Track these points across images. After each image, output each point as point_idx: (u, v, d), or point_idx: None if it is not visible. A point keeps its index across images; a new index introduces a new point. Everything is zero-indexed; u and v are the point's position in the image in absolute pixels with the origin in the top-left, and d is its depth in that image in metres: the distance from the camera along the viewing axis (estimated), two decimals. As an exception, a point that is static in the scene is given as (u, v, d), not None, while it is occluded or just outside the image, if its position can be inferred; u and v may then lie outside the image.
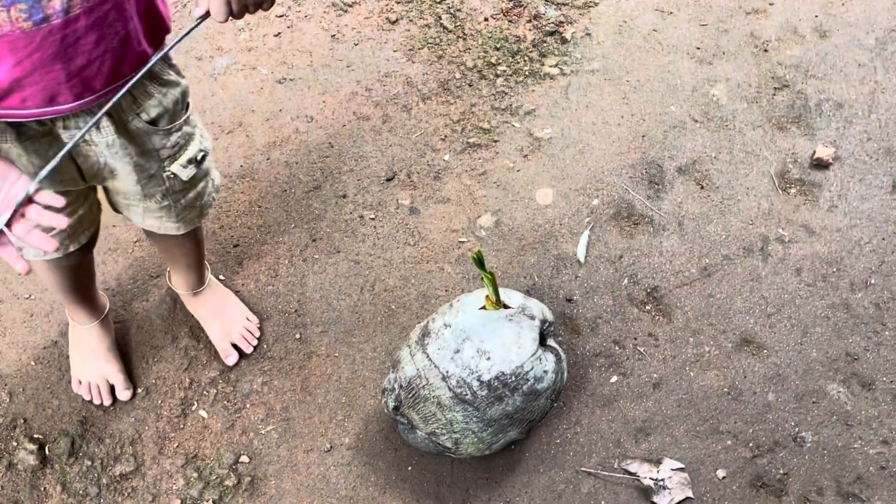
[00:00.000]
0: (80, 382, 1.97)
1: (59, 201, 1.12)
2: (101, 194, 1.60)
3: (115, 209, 1.62)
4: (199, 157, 1.52)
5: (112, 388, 1.98)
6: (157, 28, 1.29)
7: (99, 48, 1.18)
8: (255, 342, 2.06)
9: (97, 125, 1.29)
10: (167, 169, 1.47)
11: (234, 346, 2.04)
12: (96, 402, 1.97)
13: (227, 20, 1.20)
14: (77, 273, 1.78)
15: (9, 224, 1.09)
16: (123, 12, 1.18)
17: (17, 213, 1.09)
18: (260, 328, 2.08)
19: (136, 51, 1.25)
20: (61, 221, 1.13)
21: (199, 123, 1.53)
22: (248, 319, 2.07)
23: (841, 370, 2.07)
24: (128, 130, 1.35)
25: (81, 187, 1.45)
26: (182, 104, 1.44)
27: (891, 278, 2.18)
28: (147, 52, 1.28)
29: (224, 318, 2.03)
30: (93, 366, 1.96)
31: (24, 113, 1.20)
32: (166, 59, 1.38)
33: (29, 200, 1.10)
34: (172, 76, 1.39)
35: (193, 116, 1.49)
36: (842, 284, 2.18)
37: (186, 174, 1.51)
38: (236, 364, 2.03)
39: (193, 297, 2.03)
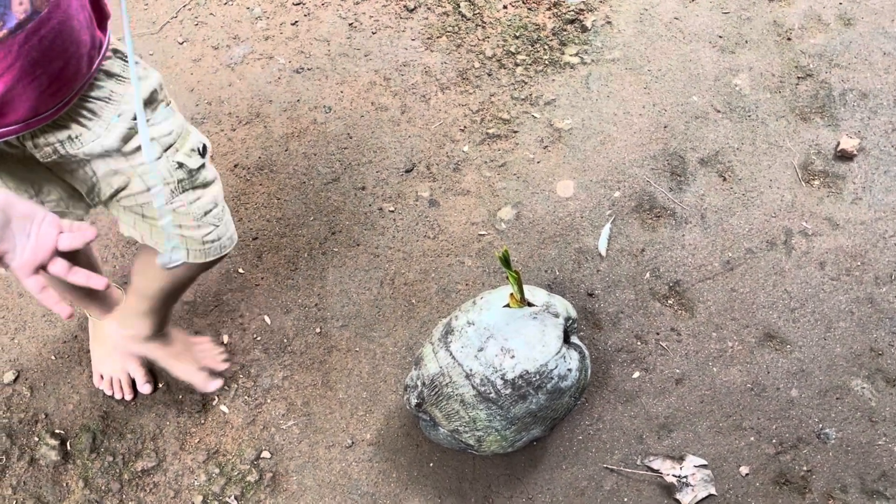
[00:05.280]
0: (102, 377, 1.97)
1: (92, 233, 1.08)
2: None
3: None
4: (200, 148, 1.43)
5: (133, 383, 1.98)
6: (103, 12, 1.25)
7: (72, 44, 1.14)
8: (222, 358, 1.99)
9: (84, 131, 1.25)
10: (171, 159, 1.37)
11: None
12: (117, 396, 1.97)
13: None
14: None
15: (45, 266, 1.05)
16: (77, 5, 1.14)
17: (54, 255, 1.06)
18: (223, 343, 2.04)
19: (96, 39, 1.21)
20: (100, 283, 1.08)
21: (188, 124, 1.45)
22: (198, 343, 1.97)
23: (865, 366, 2.05)
24: (112, 134, 1.30)
25: (88, 211, 1.42)
26: (161, 94, 1.36)
27: (916, 272, 2.16)
28: (102, 39, 1.24)
29: (185, 356, 1.93)
30: (114, 360, 1.96)
31: (9, 130, 1.16)
32: (125, 59, 1.31)
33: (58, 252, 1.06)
34: (140, 71, 1.32)
35: (179, 114, 1.42)
36: (866, 278, 2.16)
37: (194, 162, 1.40)
38: (256, 359, 2.03)
39: (145, 342, 1.86)
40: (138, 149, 1.32)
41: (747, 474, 1.93)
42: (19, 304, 2.08)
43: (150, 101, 1.33)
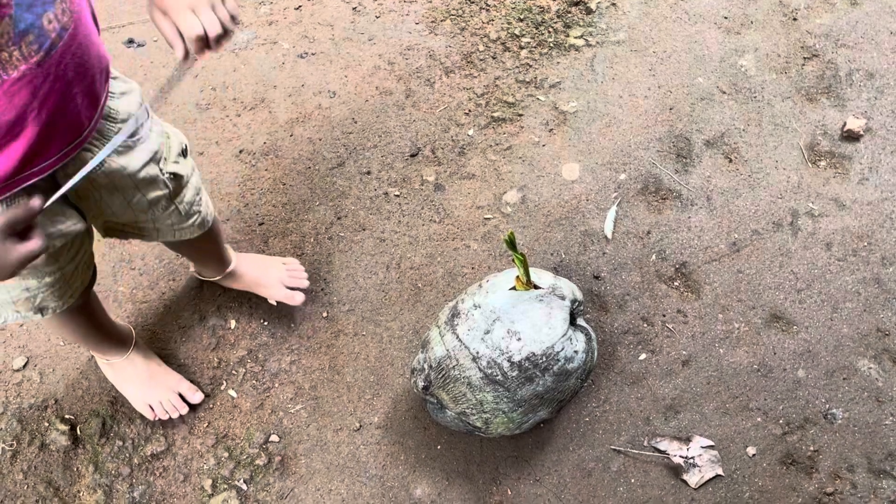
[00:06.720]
0: (152, 408, 1.92)
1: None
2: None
3: (123, 236, 1.56)
4: (184, 148, 1.50)
5: (181, 396, 1.95)
6: (97, 26, 1.24)
7: (94, 58, 1.13)
8: (306, 275, 2.07)
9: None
10: (164, 172, 1.42)
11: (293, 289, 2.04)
12: (174, 416, 1.93)
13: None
14: (87, 313, 1.72)
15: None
16: (89, 16, 1.14)
17: None
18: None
19: (104, 54, 1.21)
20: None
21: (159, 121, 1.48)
22: (284, 264, 2.07)
23: (872, 346, 2.05)
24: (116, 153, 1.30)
25: (85, 227, 1.39)
26: (144, 101, 1.37)
27: (923, 252, 2.15)
28: (107, 54, 1.25)
29: (268, 275, 2.04)
30: (153, 387, 1.92)
31: (53, 161, 1.14)
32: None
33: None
34: (122, 85, 1.32)
35: (155, 116, 1.44)
36: (872, 259, 2.16)
37: (183, 169, 1.48)
38: (264, 343, 2.03)
39: (225, 279, 2.03)
40: (143, 166, 1.37)
41: (754, 455, 1.94)
42: (27, 290, 2.09)
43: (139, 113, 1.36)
